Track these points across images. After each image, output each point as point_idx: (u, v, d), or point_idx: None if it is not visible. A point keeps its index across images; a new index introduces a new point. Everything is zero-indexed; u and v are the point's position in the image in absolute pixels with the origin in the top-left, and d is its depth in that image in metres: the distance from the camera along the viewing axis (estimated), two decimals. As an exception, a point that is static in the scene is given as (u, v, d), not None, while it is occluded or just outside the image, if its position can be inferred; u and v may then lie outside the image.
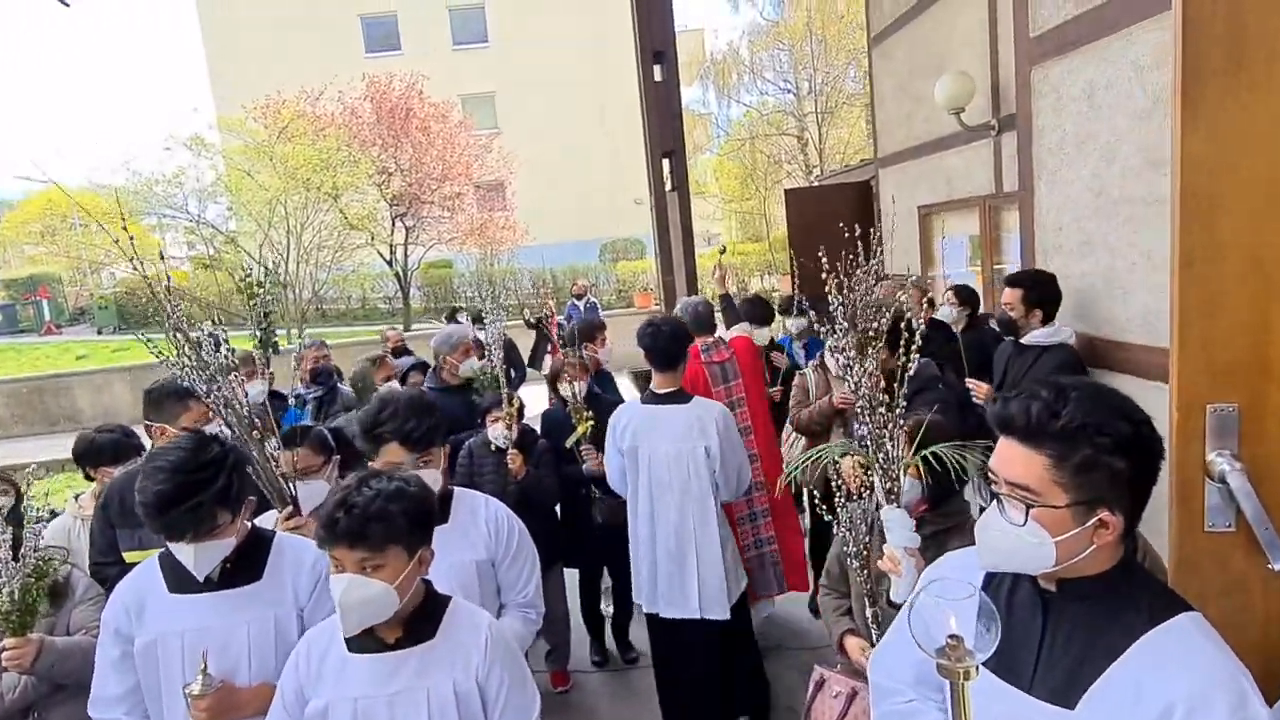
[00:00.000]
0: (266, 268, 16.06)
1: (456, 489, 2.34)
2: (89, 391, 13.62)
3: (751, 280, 22.78)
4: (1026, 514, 1.19)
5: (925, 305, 3.83)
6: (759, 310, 4.86)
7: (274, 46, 23.31)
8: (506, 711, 1.64)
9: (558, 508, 3.93)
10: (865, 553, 2.09)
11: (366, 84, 18.64)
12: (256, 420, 2.20)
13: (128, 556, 2.31)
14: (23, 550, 2.09)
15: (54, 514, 3.39)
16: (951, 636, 1.16)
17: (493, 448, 3.54)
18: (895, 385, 1.97)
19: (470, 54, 26.08)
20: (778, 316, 5.36)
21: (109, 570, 2.36)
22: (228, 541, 1.79)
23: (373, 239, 18.56)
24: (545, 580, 3.88)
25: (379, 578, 1.49)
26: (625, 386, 7.63)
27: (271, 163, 16.90)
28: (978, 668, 1.15)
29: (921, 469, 1.91)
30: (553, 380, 3.91)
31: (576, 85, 24.93)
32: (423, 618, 1.62)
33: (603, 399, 3.98)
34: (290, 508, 2.24)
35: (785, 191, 10.17)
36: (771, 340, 5.05)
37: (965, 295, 4.78)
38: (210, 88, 24.71)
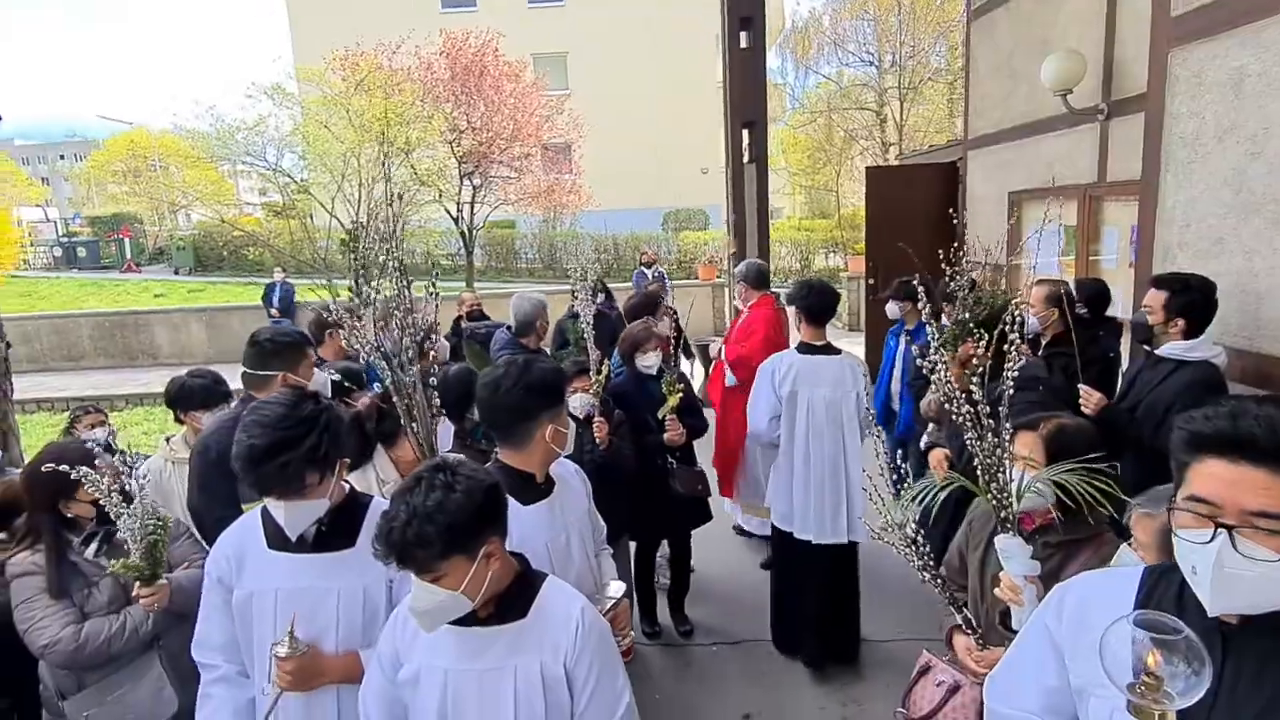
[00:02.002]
0: (339, 219, 16.33)
1: None
2: (166, 329, 14.09)
3: (815, 258, 22.31)
4: None
5: (1045, 306, 3.64)
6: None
7: (353, -2, 23.47)
8: (594, 700, 1.59)
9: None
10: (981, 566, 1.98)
11: (443, 39, 18.62)
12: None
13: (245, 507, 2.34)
14: (134, 504, 2.11)
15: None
16: (1150, 674, 1.06)
17: (581, 415, 3.47)
18: (981, 379, 1.83)
19: (545, 12, 25.87)
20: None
21: (208, 518, 2.39)
22: (318, 503, 1.77)
23: (440, 195, 18.68)
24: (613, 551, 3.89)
25: (445, 586, 1.46)
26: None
27: (347, 115, 17.07)
28: (1174, 714, 1.05)
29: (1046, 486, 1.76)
30: (629, 351, 3.83)
31: (648, 50, 24.54)
32: (513, 597, 1.59)
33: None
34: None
35: (866, 169, 9.80)
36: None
37: (1089, 293, 4.51)
38: (291, 37, 25.05)
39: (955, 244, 3.57)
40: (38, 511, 2.29)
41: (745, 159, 8.95)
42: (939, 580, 1.91)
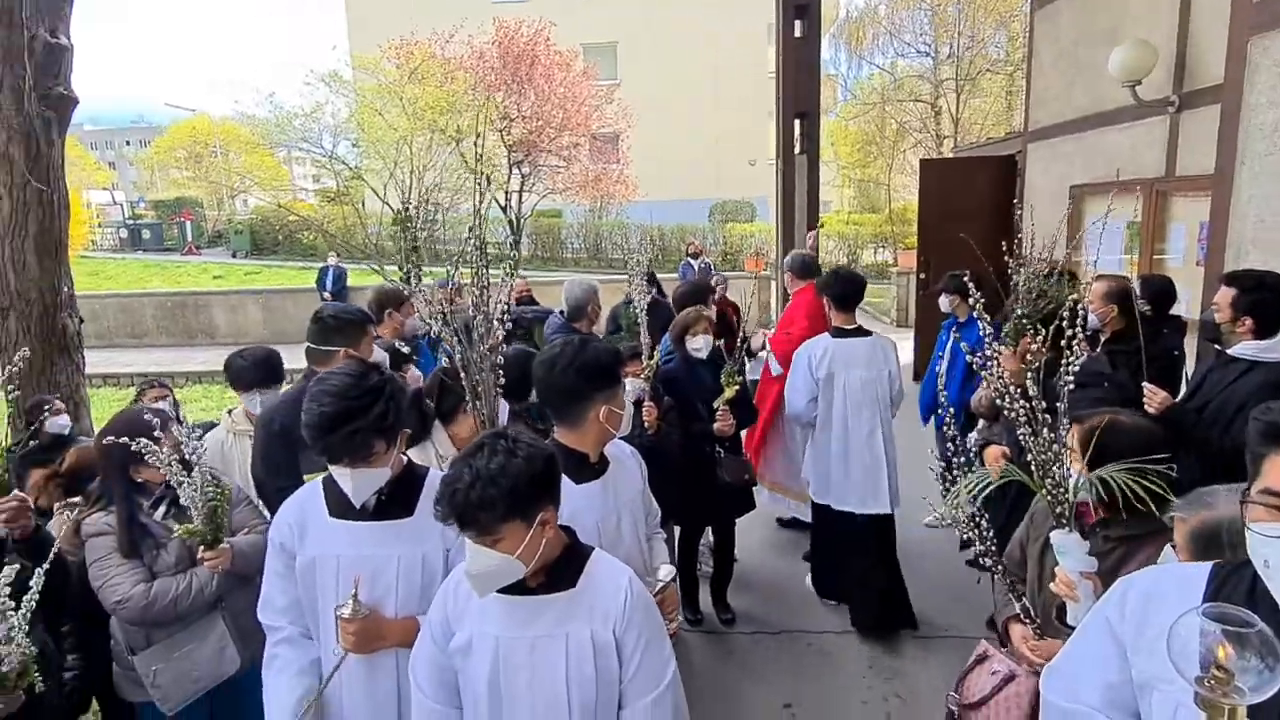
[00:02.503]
0: (390, 205, 16.63)
1: None
2: (224, 310, 14.55)
3: (863, 253, 21.97)
4: None
5: (1105, 302, 3.54)
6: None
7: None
8: (641, 668, 1.62)
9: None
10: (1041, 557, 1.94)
11: (495, 28, 18.77)
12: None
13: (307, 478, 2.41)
14: (194, 473, 2.20)
15: (210, 425, 3.63)
16: (1220, 667, 1.03)
17: (632, 400, 3.49)
18: (1042, 377, 1.79)
19: (596, 2, 25.87)
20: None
21: (270, 487, 2.47)
22: (382, 471, 1.82)
23: (490, 183, 18.86)
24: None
25: (500, 550, 1.49)
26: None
27: (401, 103, 17.34)
28: (1245, 710, 1.02)
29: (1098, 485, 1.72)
30: (679, 335, 3.84)
31: (698, 40, 24.38)
32: (563, 566, 1.62)
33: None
34: None
35: (921, 161, 9.63)
36: None
37: (1154, 290, 4.38)
38: (348, 26, 25.50)
39: (1014, 238, 3.50)
40: (109, 476, 2.40)
41: (796, 150, 8.85)
42: (1000, 568, 1.89)
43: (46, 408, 3.76)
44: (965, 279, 2.46)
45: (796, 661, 3.76)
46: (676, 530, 4.06)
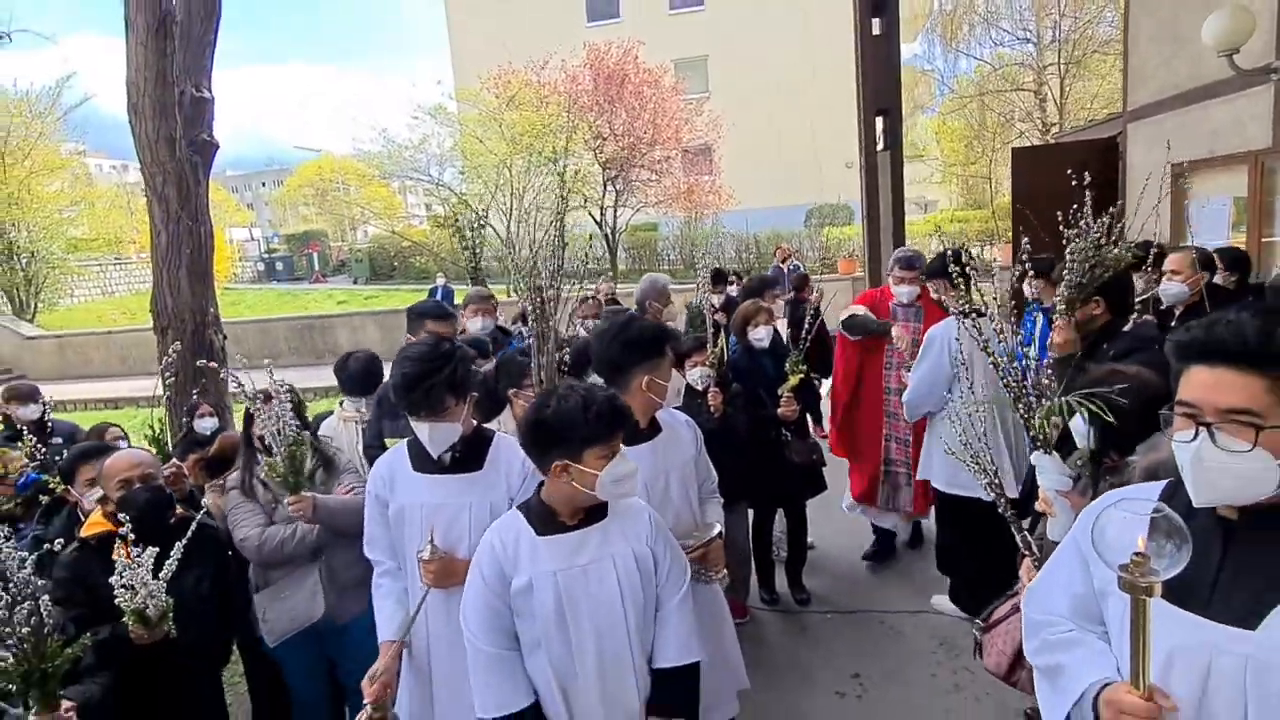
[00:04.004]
0: (493, 227, 17.53)
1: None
2: (347, 331, 15.76)
3: (969, 250, 21.15)
4: (1257, 437, 1.16)
5: (1195, 270, 3.50)
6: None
7: (506, 21, 24.96)
8: (671, 571, 1.96)
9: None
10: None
11: (587, 52, 19.49)
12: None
13: (388, 442, 2.81)
14: (274, 408, 2.63)
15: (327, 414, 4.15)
16: (1137, 553, 1.18)
17: (700, 387, 3.73)
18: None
19: (686, 18, 26.30)
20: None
21: (375, 453, 2.88)
22: (455, 425, 2.15)
23: (585, 201, 19.55)
24: (730, 516, 4.10)
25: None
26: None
27: (500, 129, 18.28)
28: (1160, 586, 1.16)
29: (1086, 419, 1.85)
30: (741, 326, 4.05)
31: (787, 47, 24.34)
32: (595, 506, 1.90)
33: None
34: None
35: (1012, 151, 9.38)
36: None
37: (1231, 260, 4.25)
38: (451, 61, 27.03)
39: (1111, 219, 3.48)
40: (241, 441, 2.87)
41: (879, 147, 8.84)
42: (1011, 511, 2.03)
43: (197, 411, 4.41)
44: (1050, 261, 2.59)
45: (867, 638, 3.86)
46: (750, 512, 4.26)
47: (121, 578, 2.08)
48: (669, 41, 24.53)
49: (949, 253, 3.31)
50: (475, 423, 2.30)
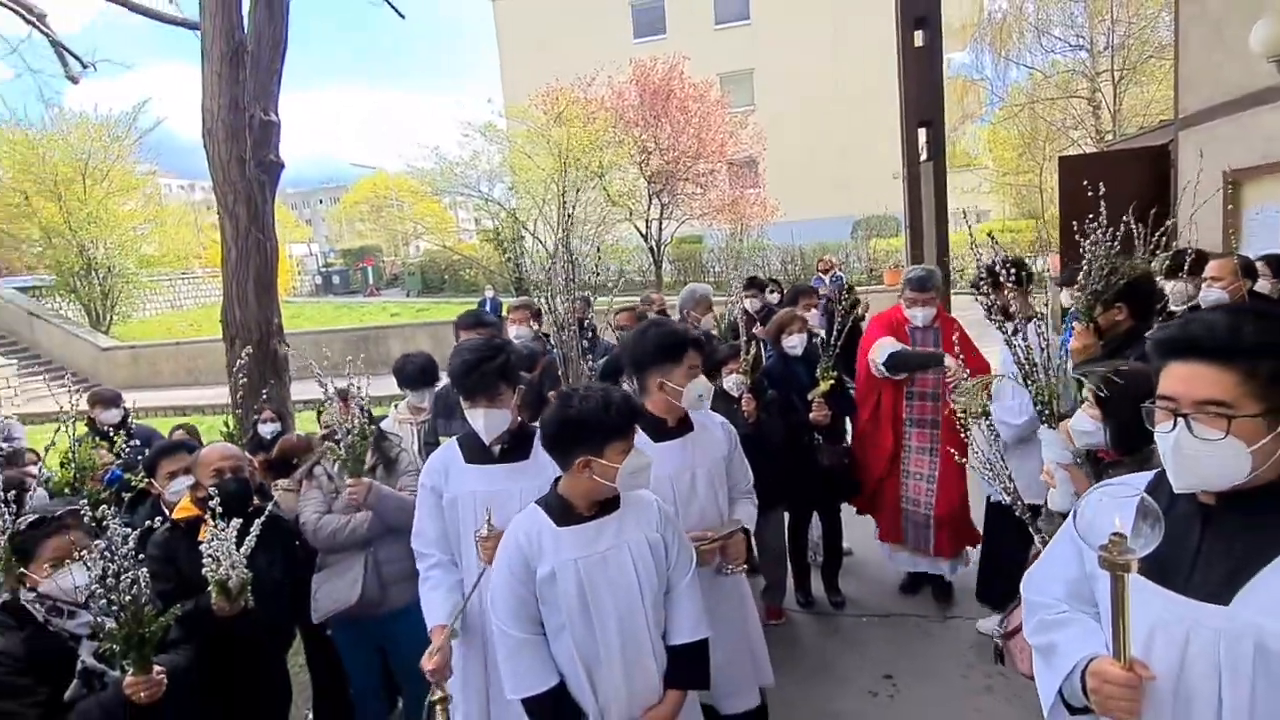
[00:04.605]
0: (539, 240, 17.90)
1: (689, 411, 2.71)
2: (399, 341, 16.25)
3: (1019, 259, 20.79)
4: (1229, 426, 1.26)
5: (1236, 277, 3.51)
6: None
7: (555, 40, 25.52)
8: (679, 556, 2.12)
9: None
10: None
11: (632, 68, 19.83)
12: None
13: (442, 439, 3.03)
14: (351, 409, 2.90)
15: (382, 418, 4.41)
16: (1115, 534, 1.29)
17: (734, 394, 3.85)
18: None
19: (731, 32, 26.48)
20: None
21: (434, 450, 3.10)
22: (505, 413, 2.37)
23: (631, 214, 19.83)
24: (766, 520, 4.23)
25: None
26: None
27: (548, 145, 18.70)
28: (1136, 562, 1.26)
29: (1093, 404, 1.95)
30: (775, 333, 4.17)
31: (835, 58, 24.33)
32: (609, 498, 2.05)
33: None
34: None
35: (1059, 159, 9.30)
36: None
37: (1277, 265, 4.23)
38: (501, 80, 27.71)
39: (1162, 230, 3.53)
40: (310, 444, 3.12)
41: (923, 158, 8.85)
42: (1019, 503, 2.12)
43: (261, 415, 4.72)
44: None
45: (901, 640, 3.93)
46: (785, 516, 4.36)
47: (209, 548, 2.32)
48: (715, 56, 24.74)
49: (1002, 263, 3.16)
50: (520, 419, 2.48)
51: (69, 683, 2.07)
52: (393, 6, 8.12)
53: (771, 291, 7.47)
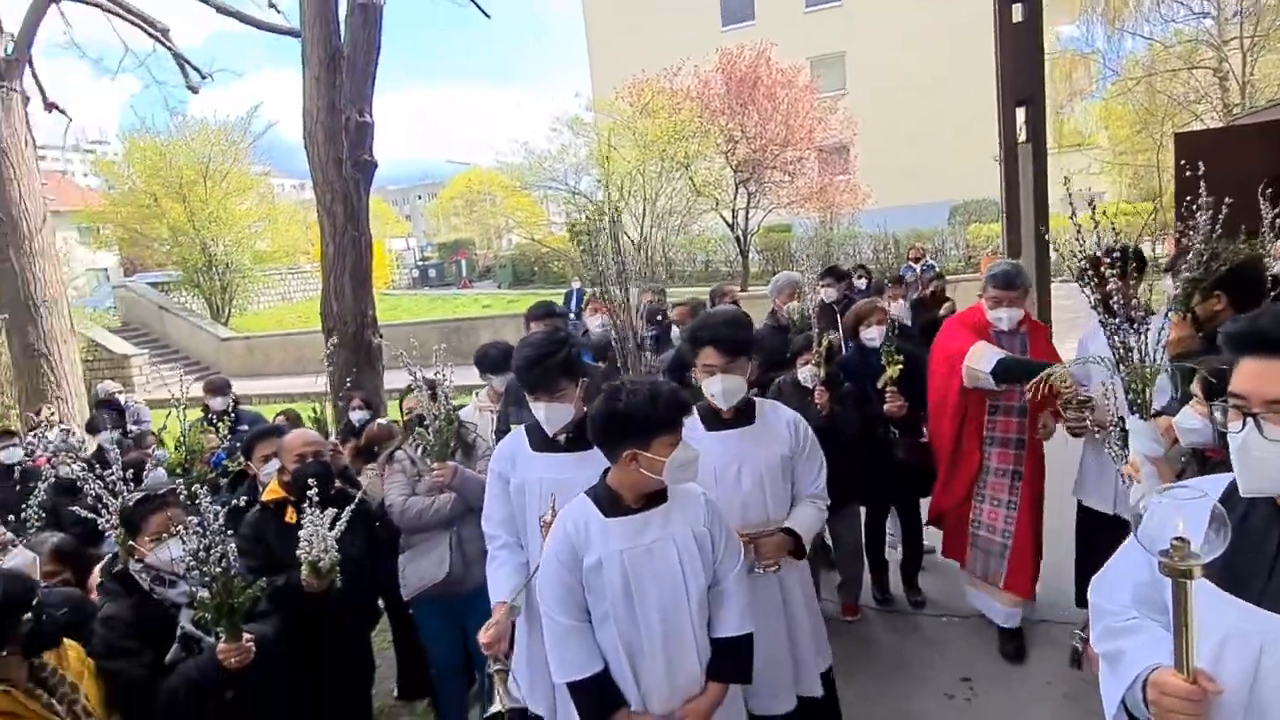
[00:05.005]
0: (625, 232, 18.02)
1: (756, 399, 2.69)
2: (489, 332, 16.75)
3: (1138, 247, 19.44)
4: None
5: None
6: None
7: (643, 31, 25.56)
8: (727, 550, 2.12)
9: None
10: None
11: (719, 56, 19.66)
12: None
13: (513, 427, 3.13)
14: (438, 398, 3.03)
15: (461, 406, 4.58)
16: (1177, 538, 1.21)
17: (809, 385, 3.80)
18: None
19: (822, 15, 25.85)
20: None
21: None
22: (568, 407, 2.40)
23: (717, 204, 19.71)
24: (842, 515, 4.16)
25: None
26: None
27: (634, 136, 18.78)
28: (1201, 569, 1.19)
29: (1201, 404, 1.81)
30: (853, 325, 4.08)
31: (930, 40, 23.37)
32: (656, 490, 2.06)
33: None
34: None
35: (1175, 136, 8.66)
36: None
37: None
38: (590, 73, 28.00)
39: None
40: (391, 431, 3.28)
41: (1021, 138, 8.42)
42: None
43: (351, 403, 4.98)
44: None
45: (980, 642, 3.79)
46: (862, 511, 4.28)
47: (305, 531, 2.49)
48: (805, 39, 24.21)
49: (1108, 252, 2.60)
50: (585, 410, 2.53)
51: (170, 646, 2.27)
52: (478, 6, 8.35)
53: (860, 278, 7.31)
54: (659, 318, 5.64)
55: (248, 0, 10.54)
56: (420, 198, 69.89)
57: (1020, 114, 8.44)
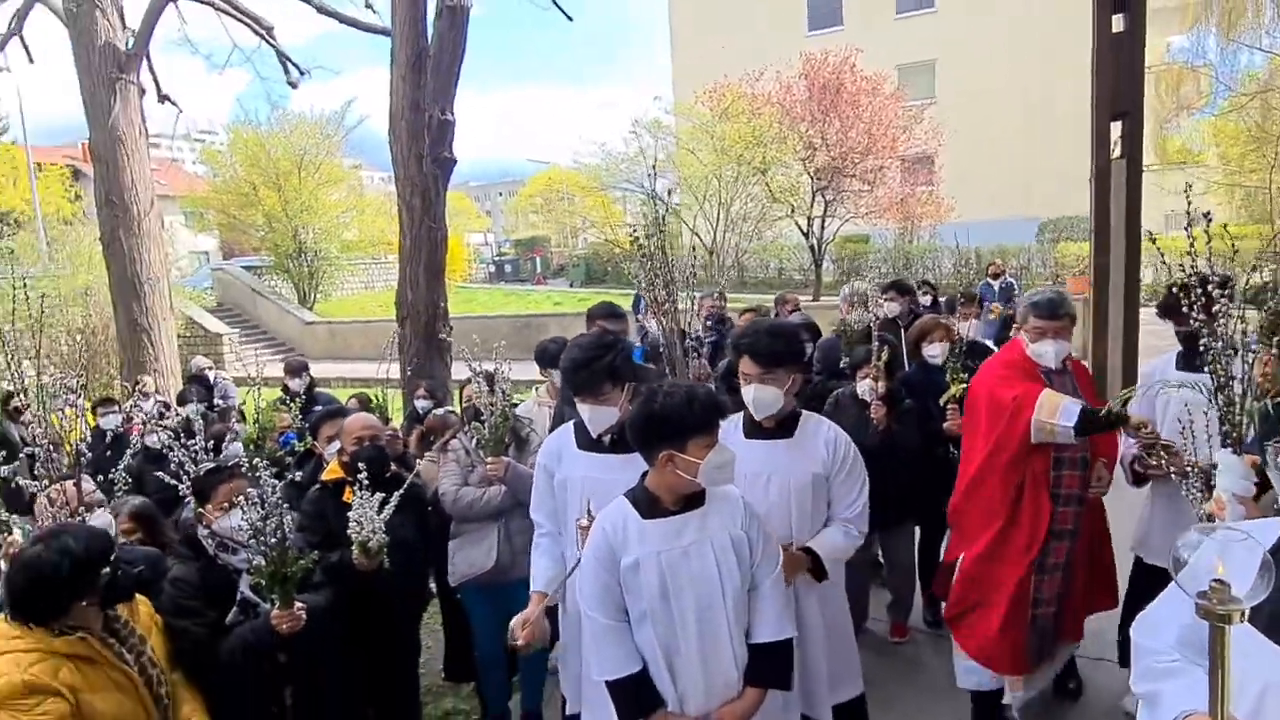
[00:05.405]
0: (698, 235, 18.03)
1: (803, 411, 2.64)
2: (558, 329, 16.90)
3: (1245, 274, 18.28)
4: None
5: None
6: None
7: (727, 35, 25.50)
8: (764, 554, 2.12)
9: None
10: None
11: (802, 61, 19.44)
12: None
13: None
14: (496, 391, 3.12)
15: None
16: (1216, 580, 1.16)
17: (868, 400, 3.74)
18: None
19: (914, 21, 25.26)
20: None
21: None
22: (612, 410, 2.44)
23: (793, 211, 19.48)
24: (897, 534, 4.09)
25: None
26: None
27: (711, 140, 18.76)
28: (1242, 614, 1.13)
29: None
30: (915, 340, 3.99)
31: (1026, 50, 22.55)
32: (694, 493, 2.08)
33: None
34: None
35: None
36: None
37: None
38: (671, 76, 28.10)
39: None
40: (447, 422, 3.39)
41: (1115, 154, 8.04)
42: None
43: (416, 391, 5.16)
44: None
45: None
46: (916, 530, 4.18)
47: (355, 512, 2.61)
48: (894, 46, 23.72)
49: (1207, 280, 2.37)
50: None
51: (231, 609, 2.41)
52: (559, 8, 8.50)
53: (925, 294, 7.13)
54: (720, 323, 5.64)
55: (348, 1, 11.03)
56: (500, 194, 71.44)
57: (1116, 128, 8.07)
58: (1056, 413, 2.85)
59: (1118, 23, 7.86)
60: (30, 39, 11.21)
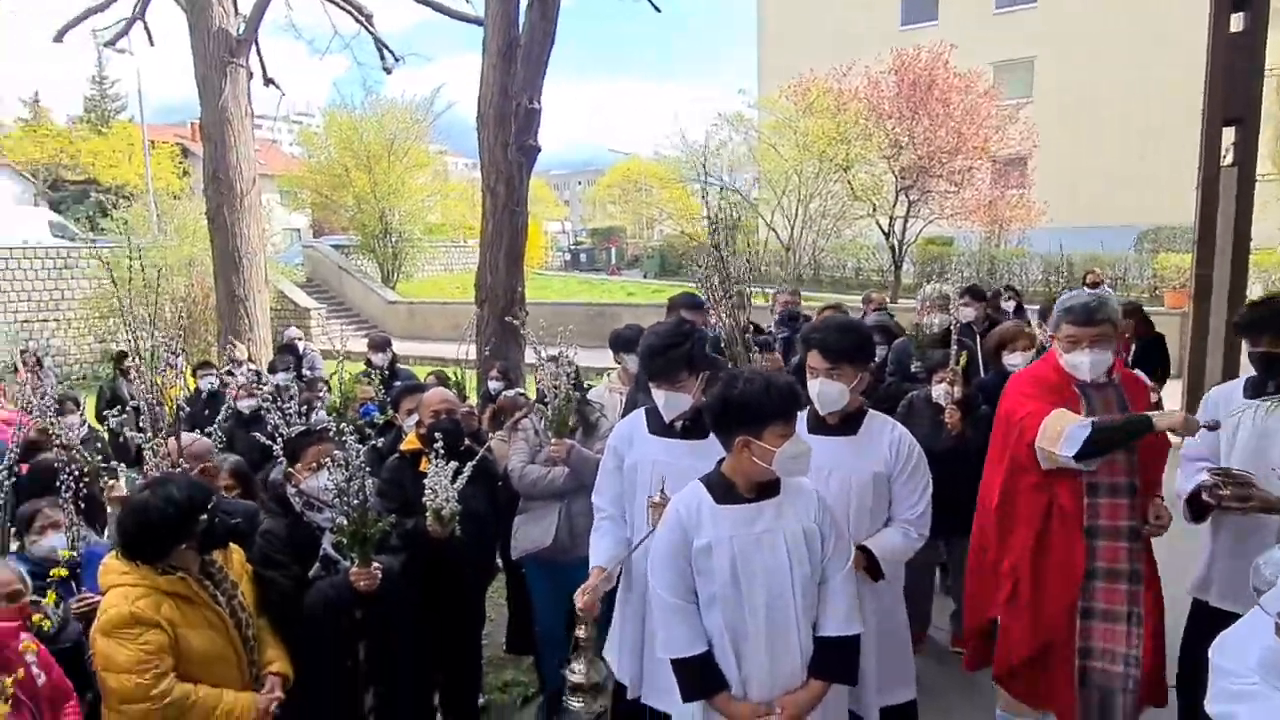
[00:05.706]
0: (775, 231, 17.84)
1: (870, 409, 2.63)
2: (630, 319, 17.02)
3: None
4: None
5: None
6: None
7: (817, 27, 25.07)
8: (836, 549, 2.13)
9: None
10: None
11: (893, 57, 18.95)
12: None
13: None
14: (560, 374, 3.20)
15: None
16: (1297, 600, 1.13)
17: (942, 404, 3.68)
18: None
19: (1014, 17, 24.27)
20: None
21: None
22: (685, 397, 2.49)
23: (874, 210, 19.05)
24: (964, 541, 3.97)
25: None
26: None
27: (794, 135, 18.49)
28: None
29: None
30: (995, 348, 3.89)
31: (1131, 49, 21.38)
32: (769, 482, 2.10)
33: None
34: None
35: None
36: None
37: None
38: (758, 70, 27.79)
39: None
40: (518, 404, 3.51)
41: (1225, 161, 7.59)
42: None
43: (491, 373, 5.32)
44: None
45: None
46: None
47: (430, 481, 2.74)
48: (991, 42, 22.86)
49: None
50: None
51: (314, 564, 2.57)
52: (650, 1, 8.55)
53: (1009, 299, 6.91)
54: (794, 319, 5.61)
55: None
56: (580, 184, 72.12)
57: (1228, 134, 7.61)
58: (1059, 441, 2.54)
59: (1237, 22, 7.41)
60: (151, 24, 11.94)
